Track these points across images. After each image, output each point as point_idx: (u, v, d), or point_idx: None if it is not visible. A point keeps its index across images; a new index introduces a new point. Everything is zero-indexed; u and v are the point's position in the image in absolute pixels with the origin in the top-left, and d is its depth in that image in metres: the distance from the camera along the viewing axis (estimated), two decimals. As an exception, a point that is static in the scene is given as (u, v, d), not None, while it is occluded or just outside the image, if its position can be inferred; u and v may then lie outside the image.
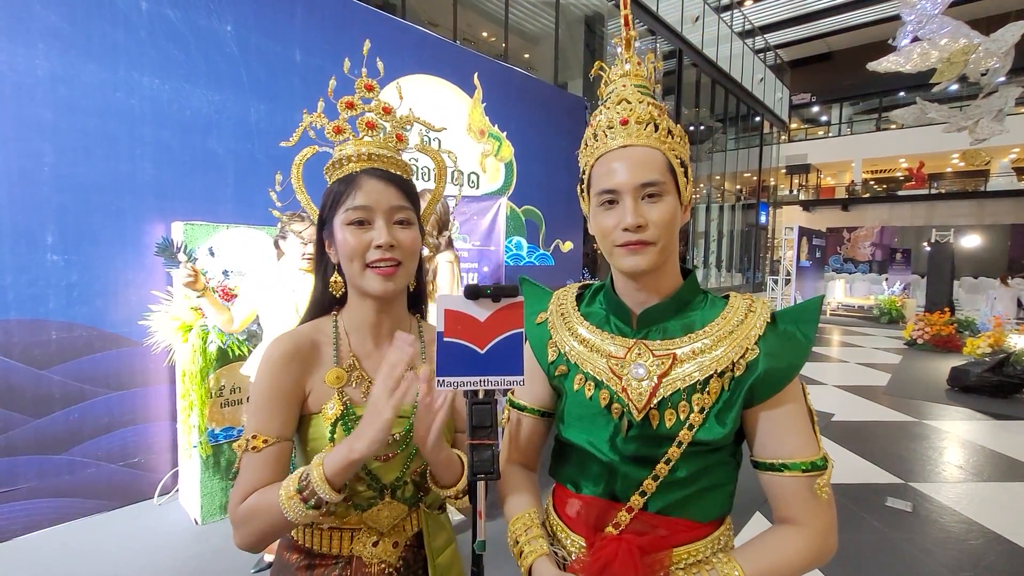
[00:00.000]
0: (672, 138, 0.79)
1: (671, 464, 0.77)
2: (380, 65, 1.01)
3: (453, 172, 1.03)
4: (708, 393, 0.77)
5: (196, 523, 2.70)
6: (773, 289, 13.31)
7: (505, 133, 5.34)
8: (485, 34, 9.77)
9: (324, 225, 0.89)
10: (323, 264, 0.92)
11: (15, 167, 2.53)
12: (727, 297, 0.85)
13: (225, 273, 2.74)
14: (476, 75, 4.98)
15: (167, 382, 3.00)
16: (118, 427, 2.85)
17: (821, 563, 0.76)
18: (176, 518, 2.78)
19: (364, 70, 0.94)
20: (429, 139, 4.61)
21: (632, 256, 0.77)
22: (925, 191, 20.26)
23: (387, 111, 0.92)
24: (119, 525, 2.71)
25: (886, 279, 14.24)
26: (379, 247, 0.83)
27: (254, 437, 0.80)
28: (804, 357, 0.78)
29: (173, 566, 2.36)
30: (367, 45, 0.99)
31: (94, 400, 2.77)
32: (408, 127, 0.96)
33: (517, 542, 0.83)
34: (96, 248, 2.77)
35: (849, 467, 3.67)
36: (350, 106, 0.90)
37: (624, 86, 0.83)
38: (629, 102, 0.81)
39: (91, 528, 2.67)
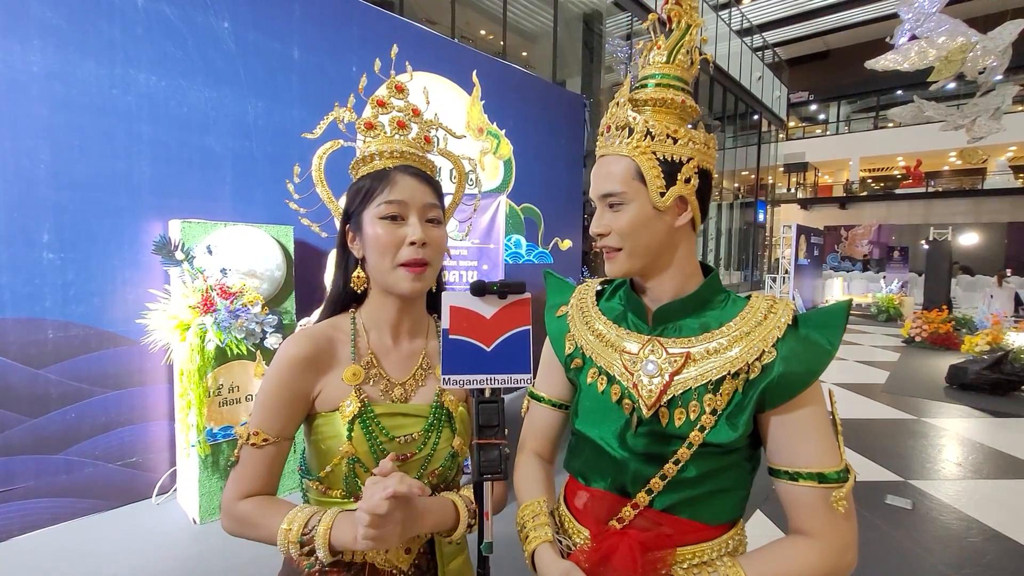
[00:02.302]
0: (652, 139, 0.77)
1: (680, 464, 0.76)
2: (409, 70, 1.02)
3: (472, 175, 1.06)
4: (721, 394, 0.75)
5: (194, 522, 2.69)
6: (771, 287, 13.32)
7: (504, 131, 5.33)
8: (483, 32, 9.74)
9: (349, 219, 0.89)
10: (345, 258, 0.92)
11: (11, 165, 2.51)
12: (749, 297, 0.83)
13: (223, 271, 2.72)
14: (475, 73, 4.96)
15: (165, 381, 2.98)
16: (115, 426, 2.83)
17: None
18: (174, 517, 2.77)
19: (392, 72, 0.94)
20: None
21: (607, 263, 0.82)
22: (922, 189, 20.31)
23: (416, 113, 0.93)
24: (117, 525, 2.69)
25: (884, 277, 14.27)
26: (413, 244, 0.83)
27: (256, 434, 0.81)
28: (824, 364, 0.74)
29: (171, 566, 2.34)
30: (395, 49, 1.01)
31: (91, 399, 2.75)
32: (433, 130, 0.96)
33: (524, 527, 0.83)
34: (93, 246, 2.75)
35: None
36: (381, 104, 0.90)
37: (622, 85, 0.83)
38: (618, 106, 0.81)
39: (89, 528, 2.65)
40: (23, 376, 2.55)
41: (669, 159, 0.77)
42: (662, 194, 0.77)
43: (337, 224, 0.94)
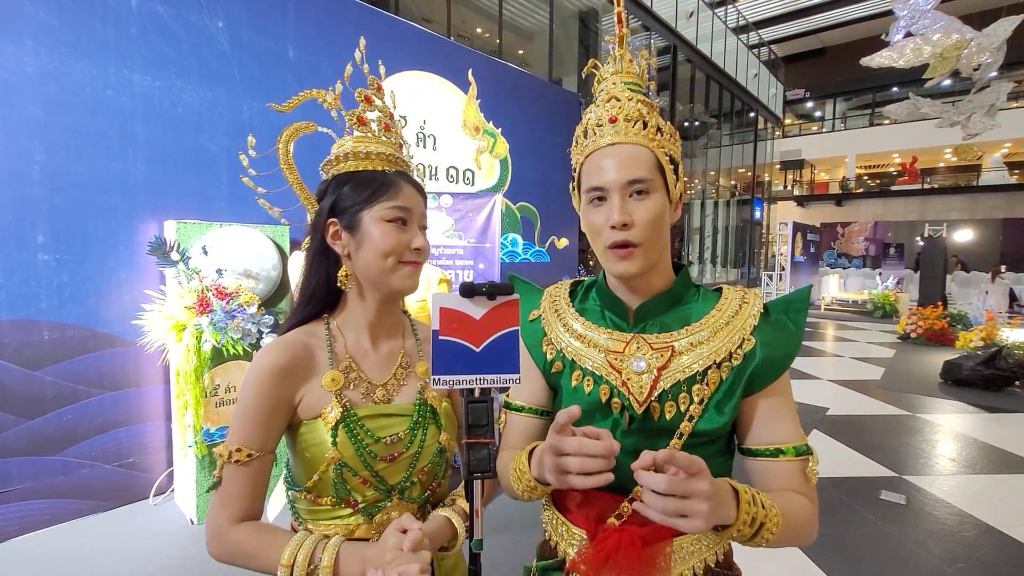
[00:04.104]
0: (661, 135, 0.80)
1: None
2: (382, 69, 1.02)
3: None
4: (707, 384, 0.78)
5: (192, 523, 2.70)
6: (768, 284, 13.37)
7: (500, 129, 5.33)
8: (479, 30, 9.72)
9: (334, 213, 0.86)
10: (326, 256, 0.88)
11: (5, 166, 2.50)
12: (719, 290, 0.86)
13: (219, 272, 2.72)
14: (470, 71, 4.96)
15: (161, 382, 2.98)
16: (112, 427, 2.84)
17: (807, 541, 0.77)
18: (171, 518, 2.77)
19: (366, 66, 0.94)
20: (424, 136, 4.59)
21: (621, 261, 0.78)
22: (918, 186, 20.36)
23: (391, 117, 0.93)
24: (114, 526, 2.69)
25: (879, 274, 14.32)
26: (416, 250, 0.86)
27: (239, 450, 0.79)
28: (798, 346, 0.81)
29: (169, 566, 2.35)
30: (363, 42, 0.99)
31: (88, 400, 2.75)
32: (402, 139, 0.97)
33: (517, 466, 0.80)
34: (88, 247, 2.75)
35: (843, 461, 3.69)
36: (368, 100, 0.90)
37: (614, 84, 0.84)
38: (619, 99, 0.81)
39: (86, 529, 2.66)
40: (19, 377, 2.55)
41: (671, 157, 0.80)
42: (674, 187, 0.80)
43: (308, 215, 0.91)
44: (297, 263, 2.78)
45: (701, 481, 0.59)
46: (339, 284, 0.87)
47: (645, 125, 0.79)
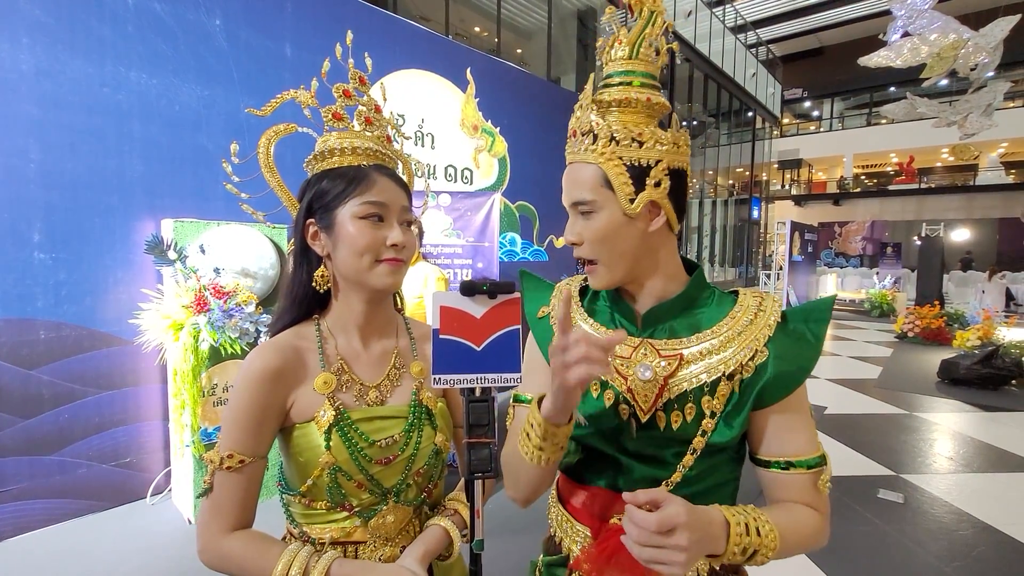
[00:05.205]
0: (617, 144, 0.74)
1: (684, 470, 0.76)
2: (368, 62, 1.00)
3: (421, 178, 1.01)
4: (717, 396, 0.75)
5: (189, 522, 2.69)
6: (765, 284, 13.38)
7: (498, 128, 5.33)
8: (477, 29, 9.70)
9: (312, 213, 0.85)
10: (307, 256, 0.87)
11: (0, 164, 2.49)
12: (735, 293, 0.82)
13: (216, 271, 2.71)
14: (468, 70, 4.95)
15: (159, 381, 2.97)
16: (109, 427, 2.82)
17: (815, 549, 0.76)
18: (169, 517, 2.76)
19: (351, 61, 0.92)
20: (422, 135, 4.58)
21: (589, 277, 0.80)
22: (915, 186, 20.42)
23: (378, 110, 0.90)
24: (112, 525, 2.68)
25: (877, 273, 14.36)
26: (394, 246, 0.82)
27: (230, 456, 0.77)
28: (814, 360, 0.76)
29: (166, 566, 2.34)
30: (350, 36, 0.98)
31: (84, 400, 2.74)
32: (392, 130, 0.95)
33: (524, 428, 0.76)
34: (84, 246, 2.73)
35: (841, 459, 3.70)
36: (347, 95, 0.87)
37: (584, 90, 0.80)
38: (582, 108, 0.79)
39: (83, 529, 2.65)
40: (15, 377, 2.54)
41: (636, 163, 0.74)
42: (631, 200, 0.73)
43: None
44: None
45: (677, 536, 0.60)
46: (314, 285, 0.85)
47: (595, 138, 0.75)
